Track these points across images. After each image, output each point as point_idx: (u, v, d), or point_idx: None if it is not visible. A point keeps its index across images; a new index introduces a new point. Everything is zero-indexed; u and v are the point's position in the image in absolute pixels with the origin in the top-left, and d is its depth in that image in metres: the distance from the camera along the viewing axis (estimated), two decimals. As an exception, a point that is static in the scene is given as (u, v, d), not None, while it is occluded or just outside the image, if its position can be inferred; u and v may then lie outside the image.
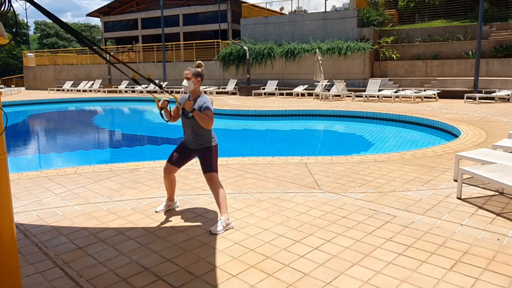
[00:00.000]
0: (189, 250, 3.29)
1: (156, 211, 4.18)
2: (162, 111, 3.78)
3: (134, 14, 38.60)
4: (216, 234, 3.59)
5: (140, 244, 3.43)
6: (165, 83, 25.69)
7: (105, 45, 40.56)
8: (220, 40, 26.67)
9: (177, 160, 3.97)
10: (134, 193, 4.79)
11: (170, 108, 3.85)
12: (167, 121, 3.85)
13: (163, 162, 6.30)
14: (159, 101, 3.75)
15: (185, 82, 3.73)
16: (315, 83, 20.16)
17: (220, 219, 3.70)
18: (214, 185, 3.78)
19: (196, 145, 3.86)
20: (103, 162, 7.36)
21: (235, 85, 23.69)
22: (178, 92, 21.17)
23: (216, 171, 3.82)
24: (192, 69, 3.75)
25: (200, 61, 3.88)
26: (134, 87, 26.09)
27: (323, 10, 24.05)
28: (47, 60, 33.85)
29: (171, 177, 4.05)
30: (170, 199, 4.23)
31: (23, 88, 33.77)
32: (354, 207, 4.25)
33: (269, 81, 22.20)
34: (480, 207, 4.19)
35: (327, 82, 20.08)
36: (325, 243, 3.39)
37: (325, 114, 13.91)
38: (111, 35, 40.73)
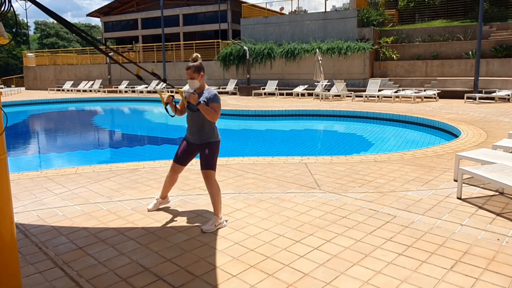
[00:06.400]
0: (189, 250, 3.29)
1: (148, 209, 4.20)
2: (168, 106, 3.81)
3: (134, 14, 38.59)
4: (207, 232, 3.63)
5: (140, 244, 3.43)
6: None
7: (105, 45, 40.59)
8: (220, 40, 26.66)
9: (182, 158, 3.99)
10: (134, 193, 4.79)
11: (175, 102, 3.90)
12: (173, 116, 3.87)
13: (163, 162, 6.32)
14: (164, 97, 3.81)
15: (190, 83, 3.78)
16: (315, 83, 20.16)
17: (212, 218, 3.76)
18: (211, 184, 3.77)
19: (199, 139, 3.84)
20: (103, 162, 7.35)
21: (235, 85, 23.69)
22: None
23: (215, 169, 3.80)
24: (192, 66, 3.72)
25: (196, 54, 3.85)
26: (134, 87, 26.09)
27: (323, 10, 24.07)
28: (47, 60, 33.84)
29: (176, 177, 4.11)
30: (163, 197, 4.24)
31: (23, 88, 33.77)
32: (354, 207, 4.25)
33: (269, 81, 22.20)
34: (480, 207, 4.19)
35: (327, 82, 20.08)
36: (325, 243, 3.39)
37: (325, 114, 13.91)
38: (111, 35, 40.73)
